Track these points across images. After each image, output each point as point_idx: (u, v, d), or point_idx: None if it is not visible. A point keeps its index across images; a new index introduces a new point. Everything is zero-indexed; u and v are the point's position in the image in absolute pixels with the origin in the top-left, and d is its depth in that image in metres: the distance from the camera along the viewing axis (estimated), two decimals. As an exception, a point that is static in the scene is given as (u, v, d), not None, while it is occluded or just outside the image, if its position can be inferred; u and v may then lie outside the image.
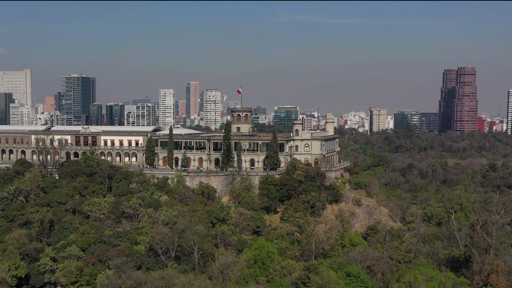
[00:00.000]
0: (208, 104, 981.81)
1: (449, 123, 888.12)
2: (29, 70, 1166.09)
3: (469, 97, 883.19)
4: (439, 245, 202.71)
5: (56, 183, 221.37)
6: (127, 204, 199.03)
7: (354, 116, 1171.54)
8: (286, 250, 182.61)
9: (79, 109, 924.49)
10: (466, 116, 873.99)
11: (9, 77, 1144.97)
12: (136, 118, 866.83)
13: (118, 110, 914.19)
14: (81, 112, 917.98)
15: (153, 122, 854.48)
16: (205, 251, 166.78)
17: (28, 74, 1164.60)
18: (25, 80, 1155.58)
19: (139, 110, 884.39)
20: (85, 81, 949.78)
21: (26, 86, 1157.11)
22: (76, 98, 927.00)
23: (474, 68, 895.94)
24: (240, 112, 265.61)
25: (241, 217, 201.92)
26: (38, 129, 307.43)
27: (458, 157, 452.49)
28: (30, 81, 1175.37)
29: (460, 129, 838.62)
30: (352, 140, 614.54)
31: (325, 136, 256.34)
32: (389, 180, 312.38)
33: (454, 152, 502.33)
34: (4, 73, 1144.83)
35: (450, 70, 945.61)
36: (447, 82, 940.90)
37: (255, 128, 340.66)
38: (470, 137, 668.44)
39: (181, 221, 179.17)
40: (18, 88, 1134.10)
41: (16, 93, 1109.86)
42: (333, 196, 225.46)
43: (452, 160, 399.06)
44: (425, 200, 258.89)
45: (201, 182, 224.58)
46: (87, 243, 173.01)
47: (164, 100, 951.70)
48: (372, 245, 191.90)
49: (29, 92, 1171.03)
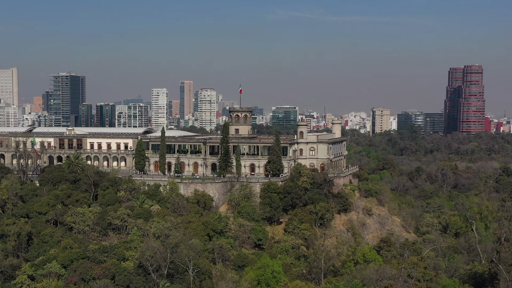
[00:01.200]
0: (203, 104, 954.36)
1: (455, 123, 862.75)
2: (15, 68, 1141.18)
3: (476, 97, 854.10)
4: (459, 259, 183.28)
5: (36, 191, 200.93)
6: (114, 215, 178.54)
7: (355, 116, 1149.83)
8: (292, 266, 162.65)
9: (68, 109, 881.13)
10: (473, 116, 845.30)
11: None
12: (127, 118, 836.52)
13: (109, 110, 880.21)
14: (70, 113, 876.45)
15: (146, 123, 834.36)
16: (201, 268, 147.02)
17: (15, 73, 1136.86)
18: (12, 79, 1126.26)
19: (130, 110, 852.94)
20: (74, 80, 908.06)
21: (12, 85, 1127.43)
22: (64, 98, 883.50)
23: (481, 66, 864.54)
24: (239, 112, 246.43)
25: (241, 229, 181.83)
26: (19, 131, 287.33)
27: (467, 160, 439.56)
28: (17, 80, 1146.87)
29: (466, 130, 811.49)
30: (354, 141, 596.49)
31: (332, 138, 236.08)
32: (397, 185, 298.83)
33: (462, 155, 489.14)
34: None
35: (456, 68, 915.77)
36: (453, 81, 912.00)
37: (255, 130, 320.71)
38: (477, 138, 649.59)
39: (174, 234, 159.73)
40: (4, 88, 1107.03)
41: (2, 92, 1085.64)
42: (341, 205, 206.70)
43: (461, 163, 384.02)
44: (439, 208, 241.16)
45: (196, 190, 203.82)
46: (68, 259, 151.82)
47: (157, 100, 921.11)
48: (387, 260, 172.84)
49: (16, 92, 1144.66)
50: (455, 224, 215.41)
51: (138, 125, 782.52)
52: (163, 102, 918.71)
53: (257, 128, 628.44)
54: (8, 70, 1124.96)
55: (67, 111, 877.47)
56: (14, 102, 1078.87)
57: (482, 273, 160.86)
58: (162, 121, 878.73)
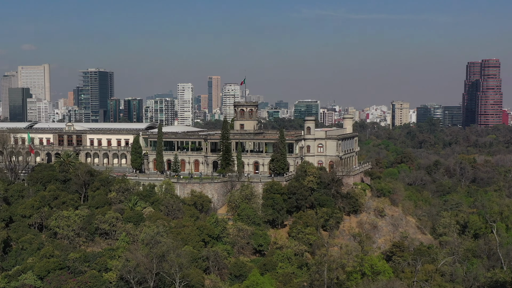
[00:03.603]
0: (227, 98, 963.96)
1: (473, 116, 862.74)
2: (47, 65, 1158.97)
3: (493, 90, 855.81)
4: (479, 264, 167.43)
5: (23, 192, 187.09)
6: (102, 219, 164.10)
7: (375, 110, 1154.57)
8: (293, 277, 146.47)
9: (97, 103, 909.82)
10: (490, 109, 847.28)
11: (28, 72, 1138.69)
12: (154, 112, 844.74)
13: (136, 105, 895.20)
14: (99, 107, 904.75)
15: (172, 117, 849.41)
16: (189, 280, 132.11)
17: (47, 69, 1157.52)
18: (44, 75, 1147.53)
19: (157, 104, 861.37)
20: (102, 76, 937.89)
21: (44, 81, 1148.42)
22: (93, 93, 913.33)
23: (498, 60, 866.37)
24: (244, 107, 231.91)
25: (240, 234, 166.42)
26: (19, 127, 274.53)
27: (486, 153, 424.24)
28: (48, 76, 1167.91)
29: (484, 122, 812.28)
30: (374, 134, 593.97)
31: (342, 134, 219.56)
32: (414, 180, 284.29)
33: (481, 148, 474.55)
34: (22, 68, 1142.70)
35: (473, 62, 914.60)
36: (471, 75, 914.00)
37: (261, 126, 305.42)
38: (495, 131, 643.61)
39: (164, 241, 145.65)
40: (36, 83, 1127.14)
41: (35, 88, 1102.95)
42: (351, 206, 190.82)
43: (480, 157, 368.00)
44: (457, 205, 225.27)
45: (193, 191, 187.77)
46: (45, 270, 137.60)
47: (183, 95, 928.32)
48: (399, 268, 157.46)
49: (48, 87, 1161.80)
50: (474, 224, 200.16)
51: (165, 119, 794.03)
52: (188, 97, 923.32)
53: (279, 121, 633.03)
54: (40, 66, 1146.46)
55: (96, 106, 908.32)
56: (46, 97, 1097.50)
57: (504, 282, 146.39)
58: (187, 115, 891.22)
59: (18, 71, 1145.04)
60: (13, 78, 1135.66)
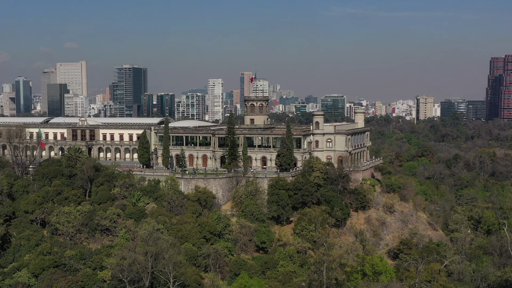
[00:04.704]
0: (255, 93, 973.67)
1: (496, 110, 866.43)
2: (84, 61, 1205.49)
3: None
4: (490, 262, 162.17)
5: (28, 187, 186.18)
6: (103, 215, 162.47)
7: (402, 104, 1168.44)
8: (293, 276, 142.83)
9: (131, 98, 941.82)
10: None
11: (66, 69, 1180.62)
12: (185, 107, 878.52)
13: (169, 100, 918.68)
14: (133, 102, 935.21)
15: (203, 111, 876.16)
16: (183, 280, 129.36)
17: (84, 66, 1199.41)
18: (81, 71, 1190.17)
19: (188, 99, 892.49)
20: (136, 72, 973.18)
21: (81, 77, 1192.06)
22: (127, 88, 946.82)
23: None
24: (254, 101, 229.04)
25: (242, 231, 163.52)
26: (35, 122, 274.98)
27: (507, 146, 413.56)
28: (85, 72, 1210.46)
29: (507, 116, 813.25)
30: (398, 128, 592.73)
31: (351, 129, 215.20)
32: (433, 173, 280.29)
33: (502, 141, 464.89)
34: (61, 65, 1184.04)
35: (497, 58, 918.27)
36: (494, 70, 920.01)
37: (272, 120, 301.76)
38: None
39: (164, 238, 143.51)
40: (74, 79, 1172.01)
41: (72, 83, 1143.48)
42: (359, 202, 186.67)
43: (500, 150, 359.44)
44: (472, 200, 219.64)
45: (197, 187, 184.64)
46: (40, 268, 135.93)
47: (213, 90, 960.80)
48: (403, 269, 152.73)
49: (85, 83, 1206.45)
50: (488, 219, 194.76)
51: (196, 114, 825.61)
52: (218, 92, 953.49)
53: (306, 115, 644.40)
54: (77, 63, 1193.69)
55: (130, 101, 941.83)
56: (83, 93, 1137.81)
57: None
58: (218, 109, 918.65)
59: (56, 68, 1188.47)
60: (52, 75, 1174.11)
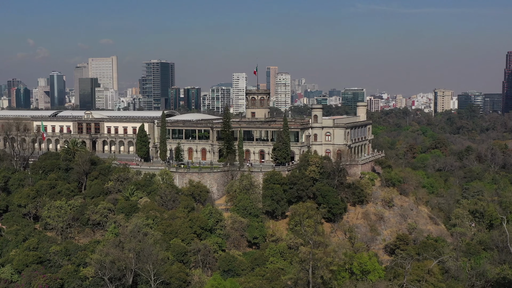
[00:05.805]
0: (279, 87, 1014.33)
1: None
2: (115, 57, 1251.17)
3: None
4: (489, 258, 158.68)
5: (24, 181, 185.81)
6: (94, 209, 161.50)
7: (422, 97, 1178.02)
8: (281, 273, 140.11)
9: (159, 92, 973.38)
10: None
11: (98, 64, 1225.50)
12: (211, 100, 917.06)
13: (195, 93, 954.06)
14: (161, 95, 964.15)
15: (228, 105, 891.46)
16: (168, 278, 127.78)
17: (115, 61, 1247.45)
18: (112, 66, 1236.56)
19: (213, 93, 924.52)
20: (164, 66, 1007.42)
21: (112, 71, 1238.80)
22: (155, 82, 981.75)
23: None
24: (255, 95, 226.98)
25: (234, 226, 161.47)
26: (43, 115, 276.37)
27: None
28: (116, 67, 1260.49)
29: None
30: (416, 121, 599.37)
31: (351, 122, 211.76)
32: (444, 165, 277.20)
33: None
34: (92, 60, 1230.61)
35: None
36: (510, 64, 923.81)
37: (274, 113, 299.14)
38: None
39: (152, 233, 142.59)
40: (105, 74, 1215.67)
41: (103, 78, 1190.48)
42: (356, 196, 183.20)
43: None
44: (478, 193, 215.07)
45: (191, 181, 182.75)
46: (23, 264, 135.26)
47: (237, 84, 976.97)
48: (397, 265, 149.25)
49: (115, 77, 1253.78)
50: (491, 214, 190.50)
51: (221, 107, 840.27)
52: (242, 85, 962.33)
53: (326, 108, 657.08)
54: (109, 58, 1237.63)
55: (158, 94, 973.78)
56: (114, 87, 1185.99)
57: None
58: (241, 102, 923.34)
59: (88, 63, 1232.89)
60: (84, 69, 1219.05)
